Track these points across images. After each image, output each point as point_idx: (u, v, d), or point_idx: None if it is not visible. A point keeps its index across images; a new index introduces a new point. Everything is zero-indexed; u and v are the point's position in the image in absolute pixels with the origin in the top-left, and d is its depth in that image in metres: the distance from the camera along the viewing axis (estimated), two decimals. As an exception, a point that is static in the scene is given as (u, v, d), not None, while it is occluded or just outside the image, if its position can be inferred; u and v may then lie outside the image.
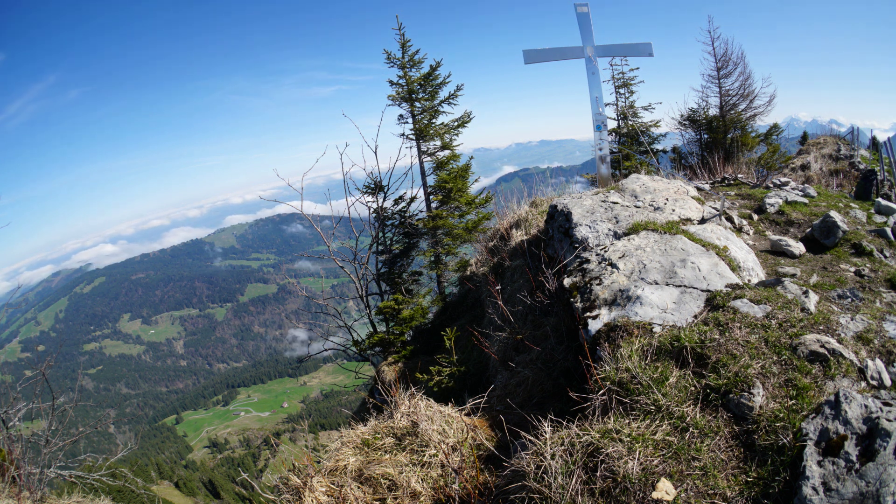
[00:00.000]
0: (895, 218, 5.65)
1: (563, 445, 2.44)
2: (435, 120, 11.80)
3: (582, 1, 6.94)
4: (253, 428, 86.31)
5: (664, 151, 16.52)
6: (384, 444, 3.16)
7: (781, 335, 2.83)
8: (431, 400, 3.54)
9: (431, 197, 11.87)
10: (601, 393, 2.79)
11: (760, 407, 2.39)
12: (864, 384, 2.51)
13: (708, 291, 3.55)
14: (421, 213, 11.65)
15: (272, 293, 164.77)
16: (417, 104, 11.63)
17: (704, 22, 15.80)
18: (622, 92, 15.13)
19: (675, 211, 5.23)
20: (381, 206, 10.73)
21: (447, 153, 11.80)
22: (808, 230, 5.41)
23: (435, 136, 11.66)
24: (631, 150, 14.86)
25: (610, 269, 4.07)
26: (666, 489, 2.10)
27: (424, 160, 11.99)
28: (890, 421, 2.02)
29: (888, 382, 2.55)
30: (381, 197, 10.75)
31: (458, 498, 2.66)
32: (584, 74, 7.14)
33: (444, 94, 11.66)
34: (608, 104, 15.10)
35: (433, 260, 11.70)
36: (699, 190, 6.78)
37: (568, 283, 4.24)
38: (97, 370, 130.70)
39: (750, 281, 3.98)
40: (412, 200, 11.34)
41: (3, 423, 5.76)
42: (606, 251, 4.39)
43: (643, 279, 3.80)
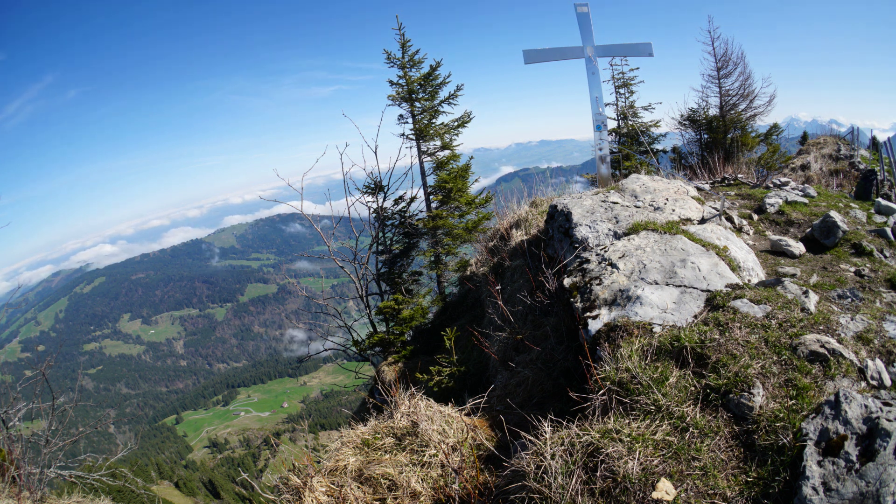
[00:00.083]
0: (895, 218, 5.66)
1: (563, 445, 2.44)
2: (435, 120, 11.80)
3: (582, 1, 6.94)
4: (253, 428, 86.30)
5: (664, 151, 16.52)
6: (384, 444, 3.16)
7: (781, 335, 2.83)
8: (431, 400, 3.54)
9: (431, 197, 11.87)
10: (601, 393, 2.79)
11: (760, 407, 2.39)
12: (864, 384, 2.51)
13: (708, 291, 3.55)
14: (421, 213, 11.65)
15: (272, 293, 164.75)
16: (417, 104, 11.63)
17: (704, 22, 15.81)
18: (622, 92, 15.14)
19: (675, 211, 5.23)
20: (381, 206, 10.73)
21: (447, 153, 11.80)
22: (808, 230, 5.41)
23: (435, 136, 11.66)
24: (631, 150, 14.86)
25: (610, 269, 4.07)
26: (666, 489, 2.10)
27: (424, 160, 11.98)
28: (890, 421, 2.02)
29: (888, 382, 2.55)
30: (381, 197, 10.75)
31: (458, 498, 2.66)
32: (584, 74, 7.15)
33: (444, 94, 11.67)
34: (608, 104, 15.11)
35: (433, 260, 11.70)
36: (699, 190, 6.78)
37: (568, 283, 4.24)
38: (97, 370, 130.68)
39: (750, 281, 3.98)
40: (412, 200, 11.34)
41: (3, 423, 5.76)
42: (606, 251, 4.39)
43: (643, 279, 3.80)
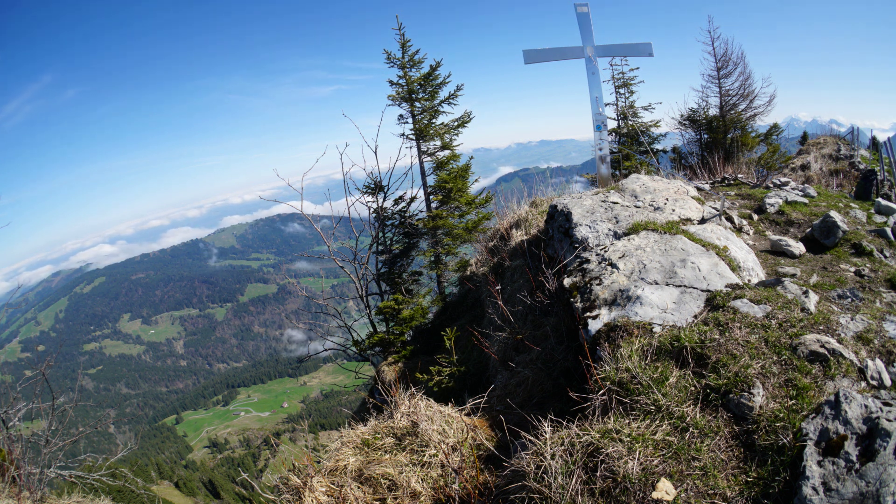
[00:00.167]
0: (895, 218, 5.65)
1: (563, 445, 2.44)
2: (435, 120, 11.80)
3: (582, 1, 6.94)
4: (253, 428, 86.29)
5: (664, 151, 16.51)
6: (384, 444, 3.16)
7: (781, 335, 2.83)
8: (431, 400, 3.54)
9: (431, 197, 11.87)
10: (601, 393, 2.79)
11: (760, 407, 2.39)
12: (864, 384, 2.51)
13: (708, 291, 3.55)
14: (421, 213, 11.65)
15: (272, 293, 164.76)
16: (417, 104, 11.62)
17: (704, 22, 15.82)
18: (622, 92, 15.13)
19: (675, 211, 5.23)
20: (381, 206, 10.73)
21: (447, 153, 11.79)
22: (808, 230, 5.41)
23: (435, 136, 11.66)
24: (631, 150, 14.86)
25: (610, 269, 4.07)
26: (666, 489, 2.10)
27: (424, 160, 11.98)
28: (890, 421, 2.02)
29: (888, 382, 2.55)
30: (381, 197, 10.75)
31: (458, 498, 2.66)
32: (584, 74, 7.15)
33: (444, 94, 11.67)
34: (608, 104, 15.11)
35: (433, 260, 11.70)
36: (699, 190, 6.78)
37: (568, 283, 4.24)
38: (97, 370, 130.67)
39: (750, 281, 3.98)
40: (412, 200, 11.34)
41: (3, 423, 5.76)
42: (606, 251, 4.39)
43: (643, 279, 3.80)
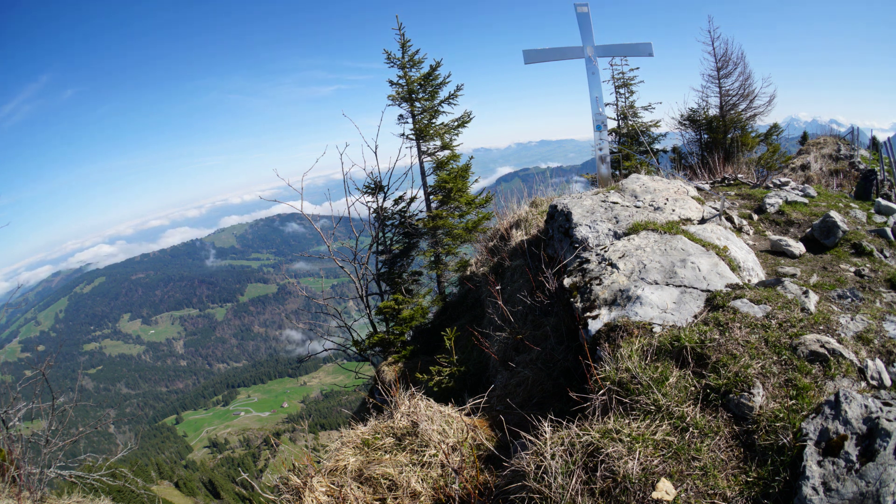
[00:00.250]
0: (895, 218, 5.65)
1: (563, 445, 2.44)
2: (435, 120, 11.80)
3: (582, 1, 6.94)
4: (253, 428, 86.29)
5: (664, 151, 16.51)
6: (384, 444, 3.16)
7: (781, 335, 2.83)
8: (431, 400, 3.54)
9: (431, 197, 11.87)
10: (601, 393, 2.79)
11: (760, 407, 2.39)
12: (864, 384, 2.51)
13: (708, 291, 3.55)
14: (421, 213, 11.65)
15: (272, 293, 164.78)
16: (417, 104, 11.62)
17: (704, 22, 15.82)
18: (622, 92, 15.13)
19: (675, 211, 5.23)
20: (381, 206, 10.73)
21: (447, 153, 11.80)
22: (808, 230, 5.41)
23: (435, 136, 11.66)
24: (631, 150, 14.86)
25: (610, 269, 4.07)
26: (666, 489, 2.10)
27: (424, 160, 11.98)
28: (890, 421, 2.02)
29: (888, 382, 2.55)
30: (381, 197, 10.75)
31: (458, 498, 2.66)
32: (584, 74, 7.15)
33: (444, 94, 11.67)
34: (608, 104, 15.11)
35: (433, 260, 11.70)
36: (699, 190, 6.78)
37: (568, 283, 4.24)
38: (97, 370, 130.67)
39: (750, 281, 3.98)
40: (412, 200, 11.34)
41: (3, 423, 5.76)
42: (606, 251, 4.39)
43: (643, 279, 3.80)
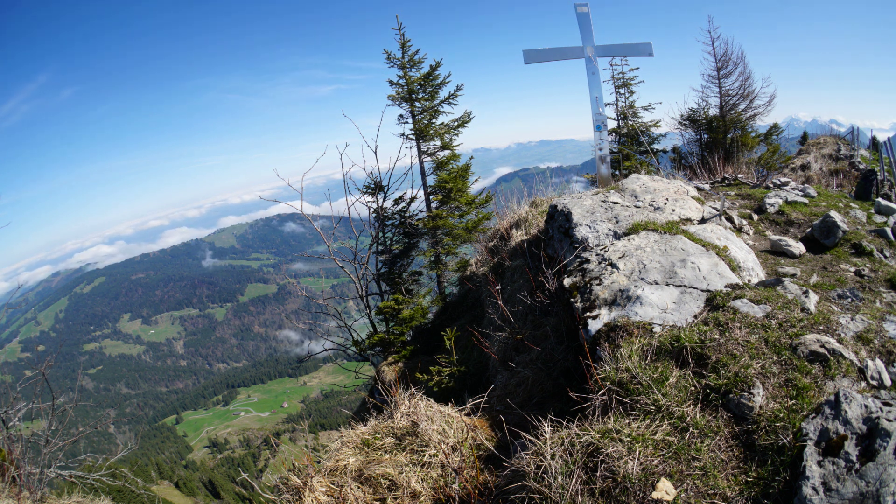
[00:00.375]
0: (895, 218, 5.65)
1: (563, 445, 2.44)
2: (435, 120, 11.80)
3: (582, 1, 6.94)
4: (253, 428, 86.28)
5: (664, 151, 16.51)
6: (384, 444, 3.16)
7: (781, 335, 2.83)
8: (431, 400, 3.54)
9: (431, 197, 11.87)
10: (601, 393, 2.79)
11: (760, 407, 2.39)
12: (864, 384, 2.51)
13: (708, 291, 3.55)
14: (421, 213, 11.65)
15: (272, 293, 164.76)
16: (417, 104, 11.62)
17: (704, 22, 15.82)
18: (622, 92, 15.13)
19: (675, 211, 5.23)
20: (381, 206, 10.73)
21: (447, 153, 11.80)
22: (808, 230, 5.41)
23: (435, 136, 11.66)
24: (631, 150, 14.85)
25: (610, 269, 4.07)
26: (666, 489, 2.10)
27: (424, 160, 11.98)
28: (890, 421, 2.02)
29: (888, 382, 2.55)
30: (381, 197, 10.75)
31: (458, 498, 2.66)
32: (584, 74, 7.14)
33: (444, 94, 11.67)
34: (608, 104, 15.10)
35: (433, 260, 11.70)
36: (699, 190, 6.78)
37: (568, 283, 4.24)
38: (97, 370, 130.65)
39: (750, 281, 3.98)
40: (412, 200, 11.34)
41: (3, 423, 5.76)
42: (606, 251, 4.39)
43: (643, 279, 3.80)
